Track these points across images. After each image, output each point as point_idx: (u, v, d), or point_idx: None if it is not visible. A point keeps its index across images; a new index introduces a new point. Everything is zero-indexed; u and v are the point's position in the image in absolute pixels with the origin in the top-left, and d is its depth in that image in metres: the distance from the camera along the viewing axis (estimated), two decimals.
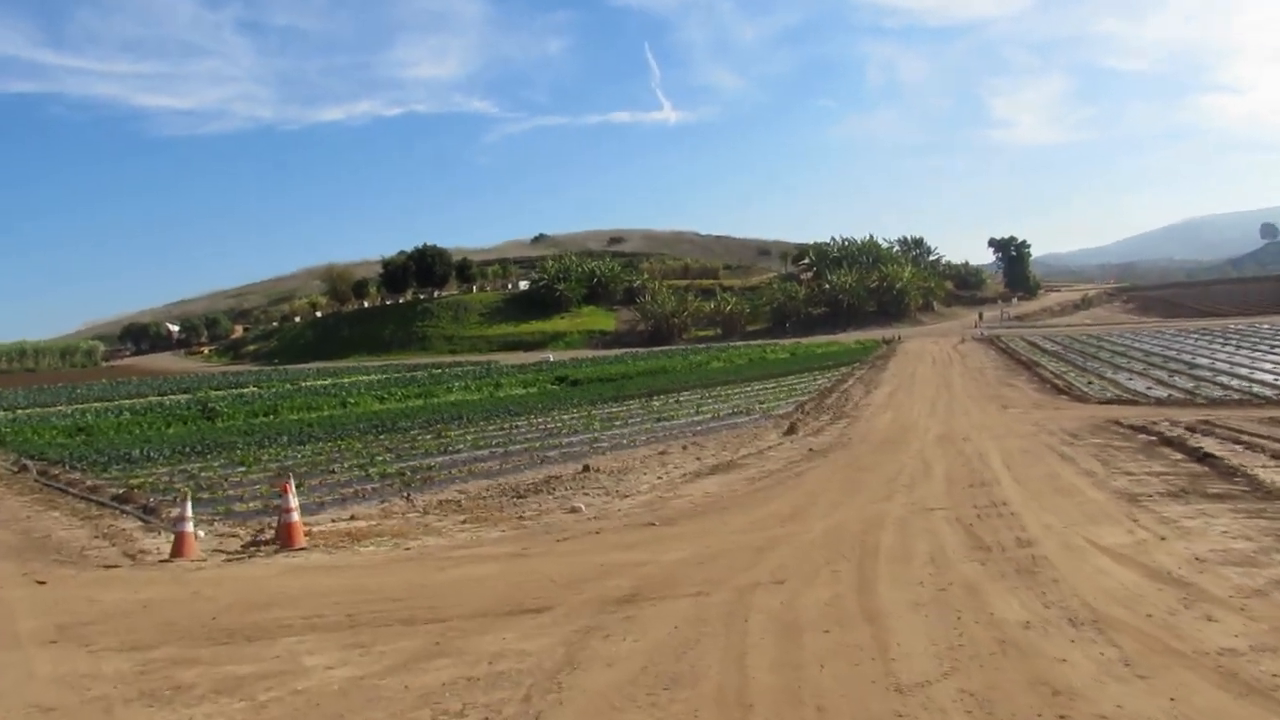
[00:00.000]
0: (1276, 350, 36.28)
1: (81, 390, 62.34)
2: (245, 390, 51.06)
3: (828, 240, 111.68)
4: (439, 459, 17.49)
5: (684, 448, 17.40)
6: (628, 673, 5.08)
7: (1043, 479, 11.54)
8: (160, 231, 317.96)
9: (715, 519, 9.78)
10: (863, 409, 25.27)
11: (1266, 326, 54.90)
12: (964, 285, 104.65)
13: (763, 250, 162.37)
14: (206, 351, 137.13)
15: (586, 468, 14.29)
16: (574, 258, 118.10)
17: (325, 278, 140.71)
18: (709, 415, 24.38)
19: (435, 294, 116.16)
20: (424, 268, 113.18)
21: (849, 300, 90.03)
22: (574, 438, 20.48)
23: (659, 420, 23.59)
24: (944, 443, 16.77)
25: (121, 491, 14.34)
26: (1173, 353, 38.79)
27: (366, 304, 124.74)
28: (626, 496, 11.83)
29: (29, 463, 19.96)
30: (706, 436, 19.75)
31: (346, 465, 16.91)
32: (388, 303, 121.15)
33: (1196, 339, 47.32)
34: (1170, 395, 24.88)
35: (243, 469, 17.64)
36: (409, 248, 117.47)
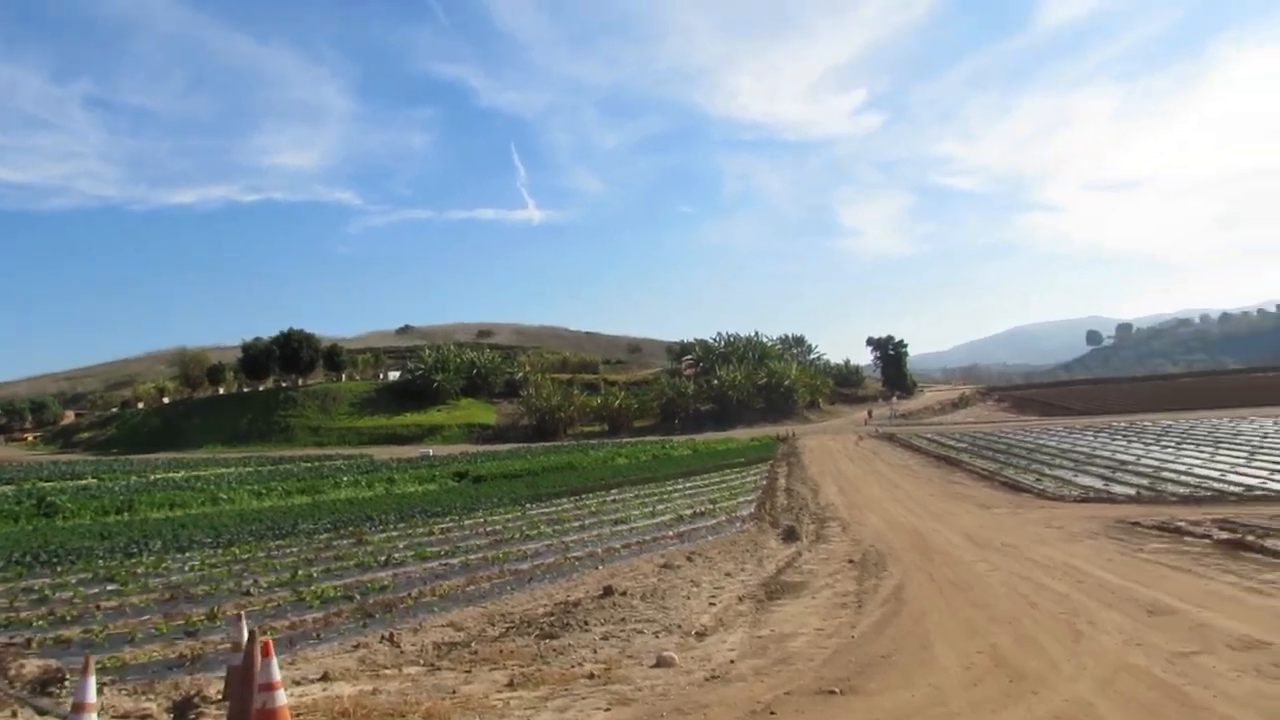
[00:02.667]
0: (1187, 447, 36.10)
1: None
2: (85, 482, 44.64)
3: (703, 337, 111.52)
4: (382, 574, 13.78)
5: (688, 558, 14.28)
6: None
7: (1206, 597, 9.12)
8: None
9: (898, 676, 6.75)
10: (831, 509, 22.84)
11: (1149, 424, 56.11)
12: (845, 383, 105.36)
13: (633, 347, 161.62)
14: (31, 439, 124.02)
15: (609, 590, 10.96)
16: (452, 348, 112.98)
17: (175, 361, 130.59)
18: (668, 517, 21.35)
19: (301, 382, 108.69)
20: (289, 353, 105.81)
21: (738, 397, 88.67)
22: (532, 544, 17.04)
23: (615, 524, 20.35)
24: (988, 550, 14.34)
25: None
26: (1087, 450, 38.24)
27: (222, 390, 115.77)
28: (704, 635, 8.67)
29: None
30: (694, 543, 16.72)
31: (264, 584, 12.99)
32: (246, 390, 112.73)
33: (1094, 436, 47.37)
34: (1139, 493, 23.73)
35: (113, 587, 13.42)
36: (266, 335, 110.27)
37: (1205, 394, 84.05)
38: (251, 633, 6.05)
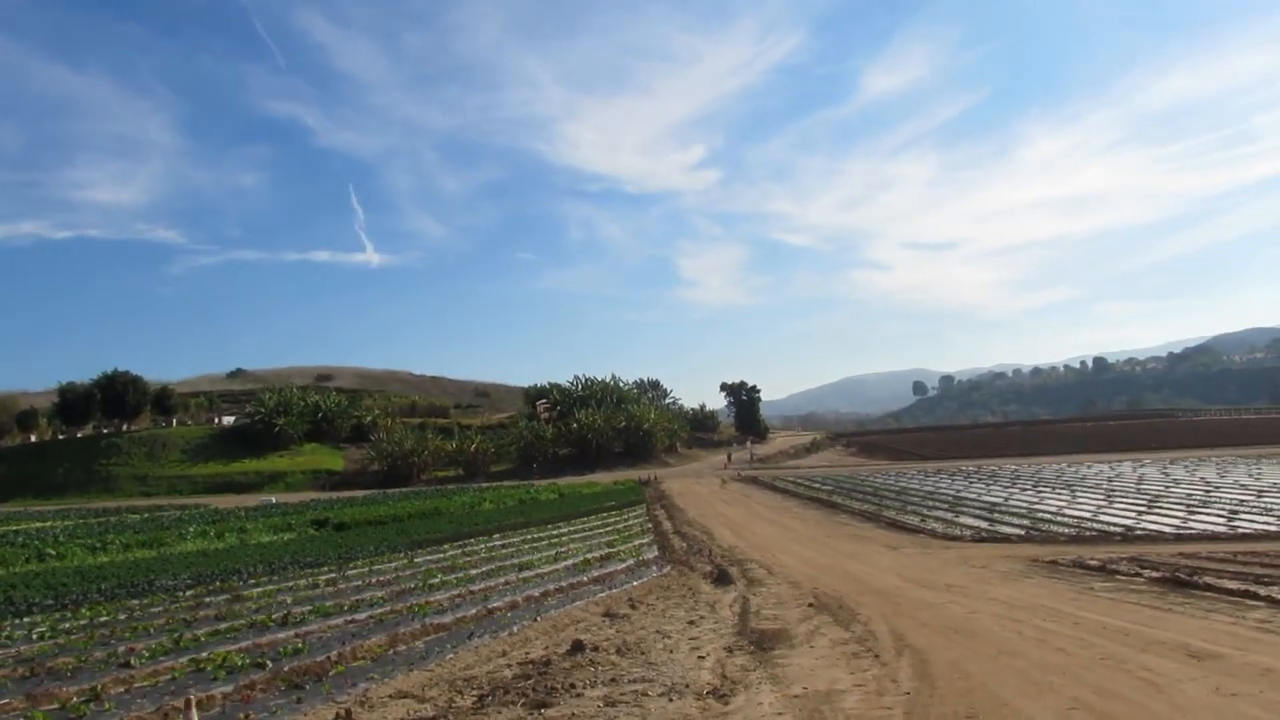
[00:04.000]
0: (1044, 490, 37.56)
1: None
2: None
3: (556, 381, 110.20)
4: (282, 634, 11.85)
5: (631, 606, 13.01)
6: None
7: (1226, 637, 8.66)
8: None
9: None
10: (737, 551, 22.08)
11: (995, 468, 58.59)
12: (700, 428, 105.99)
13: (481, 392, 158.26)
14: None
15: (579, 645, 9.55)
16: (295, 390, 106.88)
17: None
18: (572, 562, 19.98)
19: (126, 428, 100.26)
20: (113, 397, 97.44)
21: (597, 441, 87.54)
22: (440, 595, 15.33)
23: (519, 570, 18.80)
24: (938, 591, 13.75)
25: None
26: (951, 493, 39.18)
27: (34, 438, 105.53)
28: (725, 697, 7.45)
29: None
30: (619, 589, 15.45)
31: (144, 653, 10.85)
32: (62, 437, 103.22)
33: (950, 479, 48.82)
34: (1028, 533, 24.16)
35: None
36: (81, 379, 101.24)
37: (1031, 440, 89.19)
38: None
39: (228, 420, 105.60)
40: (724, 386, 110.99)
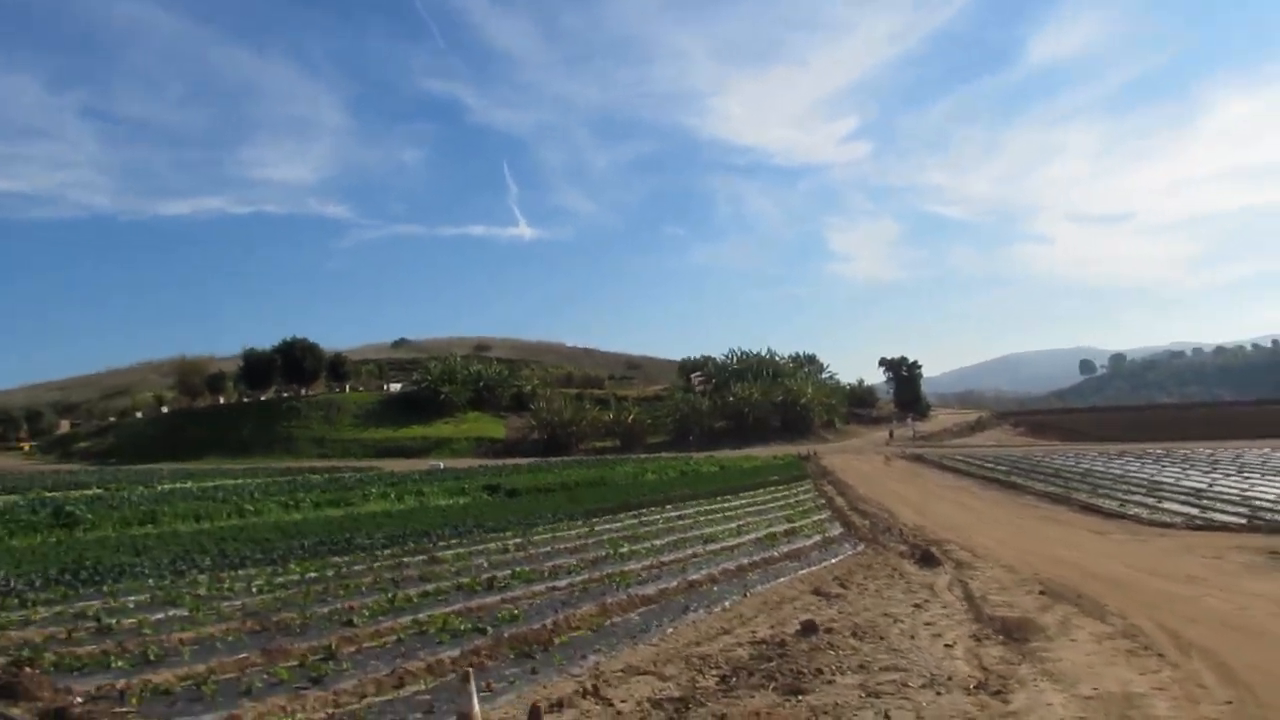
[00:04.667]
0: (1251, 476, 34.42)
1: None
2: (90, 492, 42.32)
3: (709, 354, 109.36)
4: (489, 598, 11.79)
5: (841, 585, 12.39)
6: None
7: None
8: None
9: None
10: (927, 531, 20.89)
11: (1186, 451, 54.64)
12: (859, 404, 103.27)
13: (632, 364, 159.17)
14: (27, 447, 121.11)
15: (810, 626, 9.03)
16: (458, 359, 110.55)
17: (175, 371, 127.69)
18: (755, 536, 19.37)
19: (303, 392, 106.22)
20: (291, 362, 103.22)
21: (754, 414, 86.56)
22: (633, 564, 15.06)
23: (705, 543, 18.39)
24: (1181, 583, 12.47)
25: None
26: (1145, 476, 36.41)
27: (223, 400, 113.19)
28: (999, 692, 6.74)
29: None
30: (820, 567, 14.80)
31: (365, 611, 10.96)
32: (246, 400, 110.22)
33: (1139, 462, 45.55)
34: (1250, 521, 22.00)
35: (178, 613, 11.40)
36: (259, 345, 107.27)
37: (1221, 423, 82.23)
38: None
39: (394, 387, 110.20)
40: (883, 361, 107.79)
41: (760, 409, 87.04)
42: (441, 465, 65.41)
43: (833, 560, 15.55)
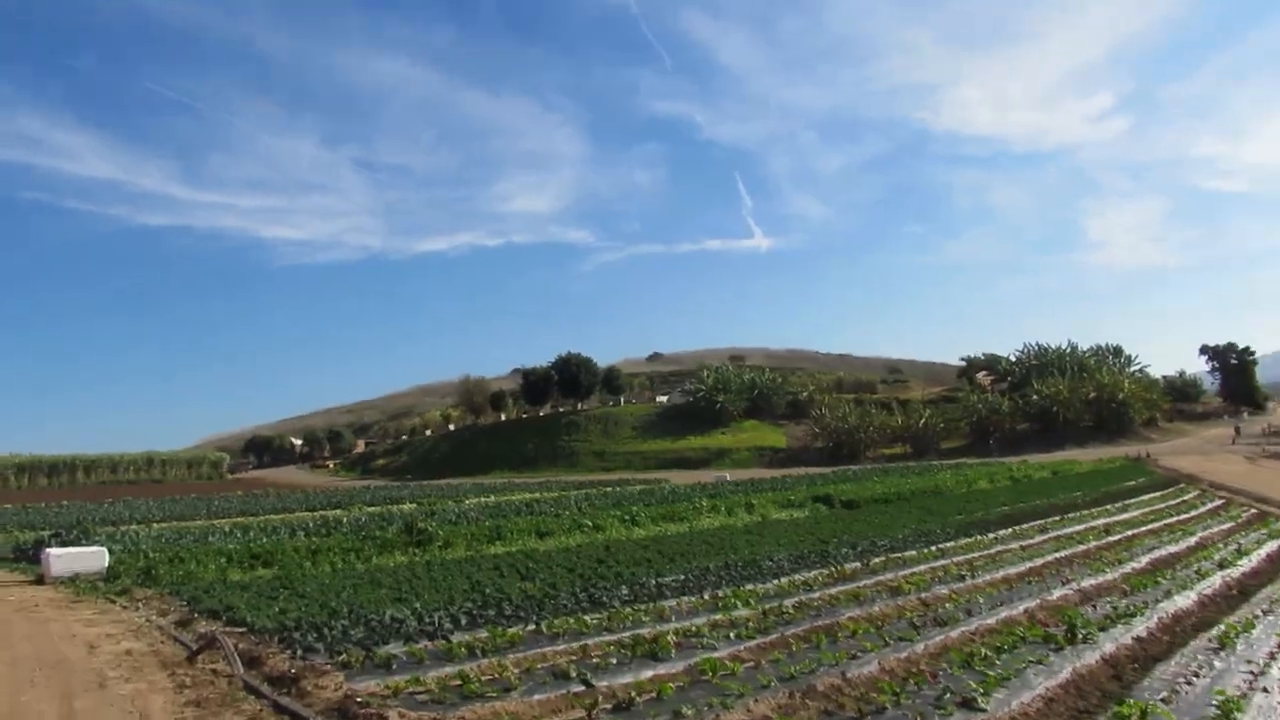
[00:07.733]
0: None
1: (219, 503, 55.11)
2: (405, 506, 43.00)
3: (990, 352, 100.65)
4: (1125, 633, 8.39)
5: None
6: None
7: None
8: (276, 352, 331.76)
9: None
10: None
11: None
12: (1180, 398, 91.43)
13: (892, 368, 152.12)
14: (333, 465, 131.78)
15: None
16: (730, 368, 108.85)
17: (458, 390, 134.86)
18: (1168, 562, 14.87)
19: (580, 406, 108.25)
20: (568, 378, 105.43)
21: (1064, 414, 78.17)
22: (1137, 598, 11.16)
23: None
24: None
25: None
26: None
27: (504, 416, 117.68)
28: None
29: (220, 635, 10.88)
30: None
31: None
32: (525, 415, 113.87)
33: None
34: None
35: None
36: (530, 363, 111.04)
37: None
38: None
39: (661, 399, 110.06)
40: (1204, 349, 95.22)
41: (1069, 407, 78.49)
42: (727, 476, 63.14)
43: None
